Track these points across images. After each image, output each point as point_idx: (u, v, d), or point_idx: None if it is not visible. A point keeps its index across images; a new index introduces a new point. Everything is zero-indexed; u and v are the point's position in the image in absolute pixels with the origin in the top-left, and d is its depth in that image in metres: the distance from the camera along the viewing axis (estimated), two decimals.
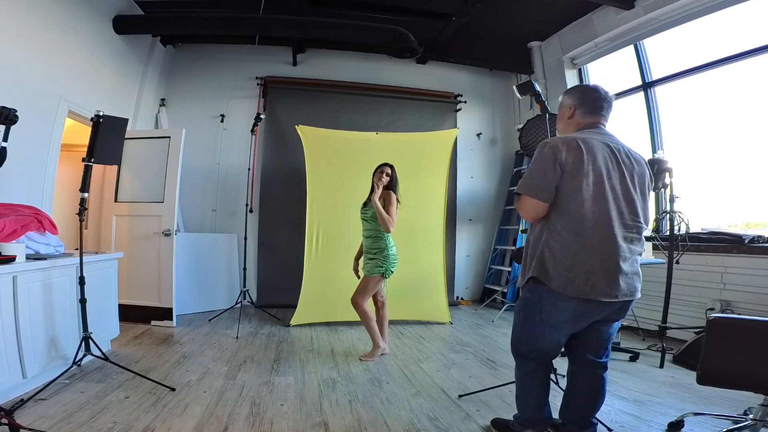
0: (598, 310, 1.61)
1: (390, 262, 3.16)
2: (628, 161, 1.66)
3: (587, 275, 1.55)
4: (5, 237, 2.41)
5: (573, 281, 1.56)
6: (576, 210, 1.57)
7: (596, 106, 1.74)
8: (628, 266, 1.59)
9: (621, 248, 1.57)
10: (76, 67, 3.74)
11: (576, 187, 1.57)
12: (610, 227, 1.56)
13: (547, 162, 1.60)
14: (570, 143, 1.60)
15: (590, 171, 1.57)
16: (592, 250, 1.56)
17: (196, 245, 4.79)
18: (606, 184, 1.58)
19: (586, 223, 1.56)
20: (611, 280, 1.56)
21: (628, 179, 1.63)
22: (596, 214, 1.56)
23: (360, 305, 3.18)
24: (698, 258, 3.67)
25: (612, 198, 1.58)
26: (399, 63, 5.68)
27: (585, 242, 1.56)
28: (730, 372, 1.55)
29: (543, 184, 1.60)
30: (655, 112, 4.48)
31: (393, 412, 2.32)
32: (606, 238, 1.56)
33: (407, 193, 3.53)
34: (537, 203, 1.62)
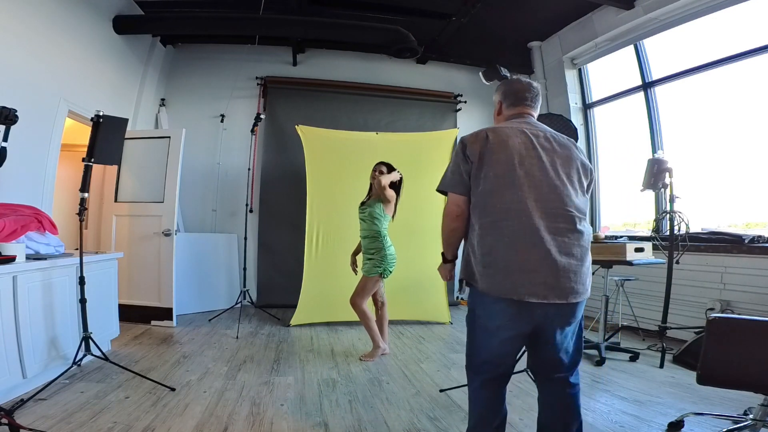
0: (531, 312, 1.41)
1: (388, 262, 3.16)
2: (549, 145, 1.52)
3: (505, 272, 1.40)
4: (5, 237, 2.41)
5: (493, 279, 1.42)
6: (485, 201, 1.47)
7: (519, 97, 1.68)
8: (561, 261, 1.40)
9: (545, 240, 1.39)
10: (76, 67, 3.74)
11: (484, 177, 1.48)
12: (527, 217, 1.40)
13: (459, 156, 1.56)
14: (479, 134, 1.55)
15: (498, 160, 1.47)
16: (508, 243, 1.41)
17: (196, 245, 4.79)
18: (518, 171, 1.45)
19: (498, 215, 1.44)
20: (533, 277, 1.38)
21: (548, 164, 1.48)
22: (508, 203, 1.43)
23: (359, 306, 3.18)
24: (698, 258, 3.67)
25: (527, 185, 1.43)
26: (399, 63, 5.68)
27: (499, 235, 1.42)
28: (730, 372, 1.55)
29: (457, 177, 1.55)
30: (655, 112, 4.48)
31: (393, 412, 2.32)
32: (522, 229, 1.40)
33: (407, 193, 3.53)
34: (455, 197, 1.56)
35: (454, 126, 5.70)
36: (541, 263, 1.38)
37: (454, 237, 1.63)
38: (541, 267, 1.38)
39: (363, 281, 3.22)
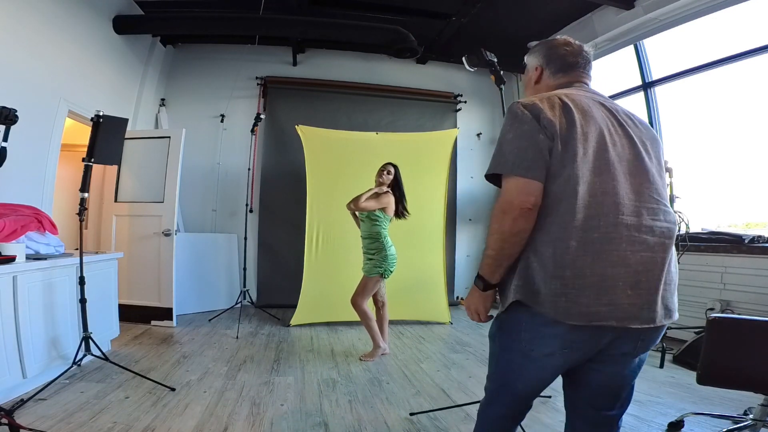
0: (602, 337, 1.07)
1: (389, 262, 3.16)
2: (632, 123, 1.17)
3: (599, 290, 1.02)
4: (5, 237, 2.41)
5: (577, 300, 1.02)
6: (572, 193, 1.05)
7: (568, 63, 1.30)
8: (662, 270, 1.08)
9: (645, 244, 1.06)
10: (76, 67, 3.74)
11: (569, 160, 1.06)
12: (622, 215, 1.05)
13: (529, 126, 1.09)
14: (552, 100, 1.13)
15: (587, 136, 1.08)
16: (599, 250, 1.03)
17: (196, 245, 4.79)
18: (610, 153, 1.08)
19: (588, 211, 1.04)
20: (639, 293, 1.03)
21: (640, 146, 1.12)
22: (600, 195, 1.05)
23: (359, 306, 3.18)
24: (698, 258, 3.67)
25: (623, 171, 1.08)
26: (399, 63, 5.68)
27: (587, 239, 1.03)
28: (730, 372, 1.55)
29: (531, 155, 1.07)
30: (655, 112, 4.48)
31: (393, 412, 2.32)
32: (617, 230, 1.03)
33: (407, 194, 3.53)
34: (526, 184, 1.07)
35: (454, 126, 5.70)
36: (644, 275, 1.04)
37: (518, 246, 1.10)
38: (644, 281, 1.04)
39: (363, 281, 3.22)
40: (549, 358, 1.12)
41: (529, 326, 1.12)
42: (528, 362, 1.15)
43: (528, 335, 1.12)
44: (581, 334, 1.05)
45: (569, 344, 1.08)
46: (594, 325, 1.03)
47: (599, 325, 1.03)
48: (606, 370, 1.16)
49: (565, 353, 1.10)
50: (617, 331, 1.04)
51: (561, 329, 1.06)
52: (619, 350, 1.11)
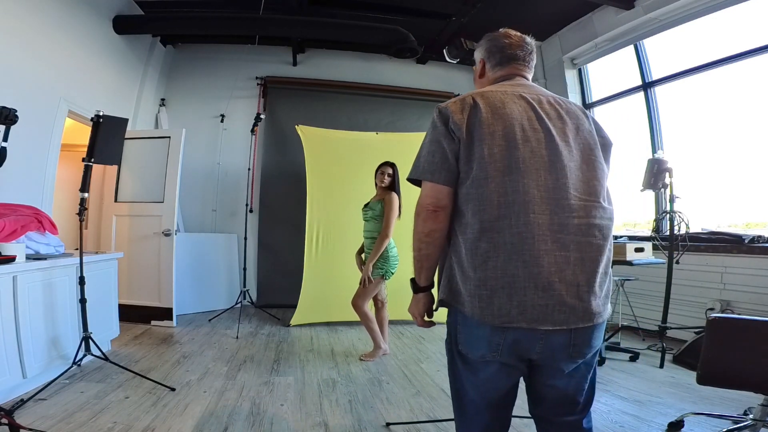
0: (533, 342, 1.04)
1: (390, 263, 3.16)
2: (555, 114, 1.13)
3: (509, 292, 1.01)
4: (5, 237, 2.41)
5: (490, 302, 1.02)
6: (478, 193, 1.05)
7: (507, 55, 1.28)
8: (582, 269, 1.05)
9: (560, 244, 1.03)
10: (76, 67, 3.74)
11: (477, 159, 1.06)
12: (534, 213, 1.02)
13: (439, 131, 1.12)
14: (464, 101, 1.13)
15: (494, 134, 1.07)
16: (511, 250, 1.02)
17: (196, 245, 4.79)
18: (520, 150, 1.06)
19: (496, 211, 1.03)
20: (547, 296, 1.00)
21: (558, 139, 1.09)
22: (510, 195, 1.04)
23: (360, 307, 3.18)
24: (698, 258, 3.67)
25: (534, 169, 1.05)
26: (399, 63, 5.68)
27: (497, 240, 1.03)
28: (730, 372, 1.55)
29: (439, 160, 1.10)
30: (655, 112, 4.48)
31: (393, 412, 2.32)
32: (529, 230, 1.02)
33: (407, 194, 3.52)
34: (435, 189, 1.10)
35: None
36: (556, 276, 1.01)
37: (432, 246, 1.14)
38: (557, 281, 1.01)
39: (361, 282, 3.21)
40: (486, 363, 1.09)
41: (461, 327, 1.11)
42: (469, 367, 1.13)
43: (462, 337, 1.12)
44: (505, 336, 1.03)
45: (496, 347, 1.05)
46: (512, 327, 1.01)
47: (515, 327, 1.01)
48: (555, 384, 1.13)
49: (497, 357, 1.06)
50: (538, 334, 1.01)
51: (486, 330, 1.05)
52: (554, 359, 1.07)
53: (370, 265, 3.10)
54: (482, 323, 1.03)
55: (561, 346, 1.04)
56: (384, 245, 3.09)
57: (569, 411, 1.16)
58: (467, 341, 1.10)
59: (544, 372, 1.12)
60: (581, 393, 1.16)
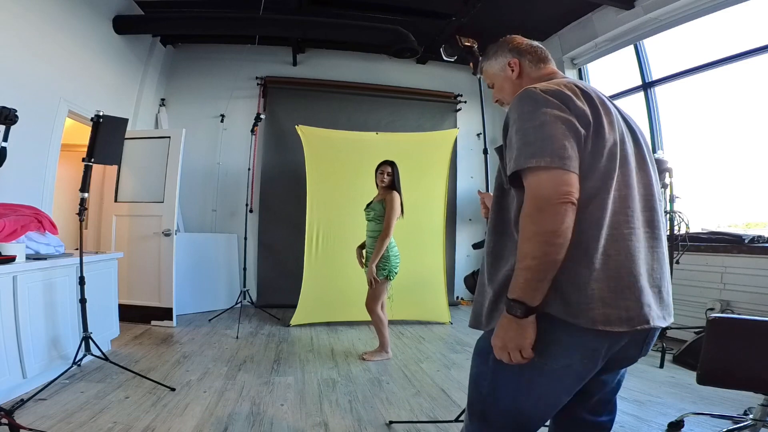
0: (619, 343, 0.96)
1: (392, 263, 3.16)
2: (628, 117, 1.14)
3: (636, 291, 0.93)
4: (5, 237, 2.41)
5: (616, 305, 0.91)
6: (606, 188, 0.95)
7: (539, 52, 1.22)
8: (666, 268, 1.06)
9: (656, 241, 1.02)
10: (76, 67, 3.74)
11: (601, 152, 0.96)
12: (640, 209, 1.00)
13: (559, 112, 0.94)
14: (569, 87, 1.01)
15: (612, 123, 1.00)
16: (630, 248, 0.95)
17: (196, 245, 4.79)
18: (627, 143, 1.03)
19: (618, 205, 0.96)
20: (658, 291, 0.99)
21: (639, 136, 1.09)
22: (625, 189, 0.98)
23: (373, 309, 3.18)
24: (698, 258, 3.67)
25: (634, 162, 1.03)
26: (399, 63, 5.68)
27: (618, 237, 0.94)
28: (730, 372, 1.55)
29: (566, 144, 0.91)
30: (655, 112, 4.48)
31: (393, 412, 2.32)
32: (636, 228, 0.97)
33: (407, 194, 3.53)
34: (562, 176, 0.90)
35: (454, 126, 5.70)
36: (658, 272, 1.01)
37: (562, 248, 0.90)
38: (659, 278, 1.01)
39: (368, 282, 3.20)
40: (566, 370, 0.96)
41: (543, 335, 0.93)
42: (539, 377, 0.97)
43: (542, 346, 0.94)
44: (605, 340, 0.92)
45: (590, 352, 0.94)
46: (632, 330, 0.92)
47: (637, 330, 0.92)
48: (609, 379, 1.09)
49: (585, 363, 0.95)
50: (632, 333, 0.93)
51: (585, 337, 0.91)
52: (626, 355, 1.01)
53: (373, 265, 3.10)
54: (585, 329, 0.90)
55: (642, 343, 1.02)
56: (385, 245, 3.09)
57: (608, 410, 1.14)
58: (550, 349, 0.94)
59: (608, 368, 1.03)
60: (617, 392, 1.15)
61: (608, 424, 1.14)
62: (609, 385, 1.11)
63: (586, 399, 1.10)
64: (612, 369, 1.06)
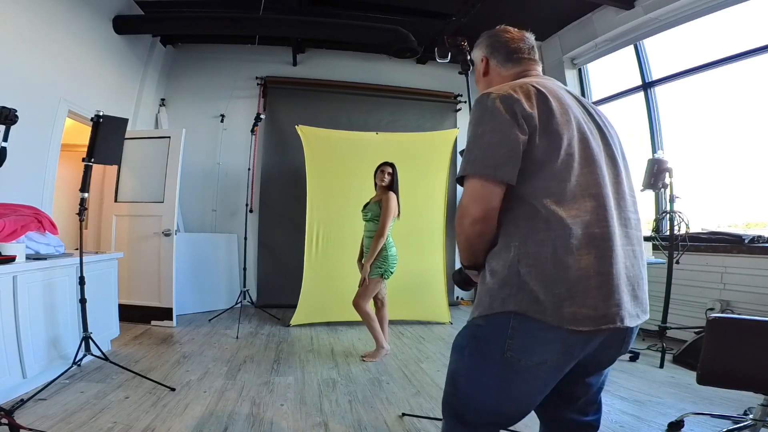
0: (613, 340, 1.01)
1: (389, 263, 3.16)
2: (597, 115, 1.11)
3: (606, 290, 0.94)
4: (5, 237, 2.41)
5: (584, 304, 0.93)
6: (561, 187, 0.97)
7: (513, 49, 1.20)
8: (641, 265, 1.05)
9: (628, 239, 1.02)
10: (76, 67, 3.74)
11: (554, 152, 0.98)
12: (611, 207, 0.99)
13: (503, 119, 0.97)
14: (523, 88, 1.01)
15: (569, 122, 1.00)
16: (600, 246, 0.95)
17: (196, 245, 4.79)
18: (591, 141, 1.02)
19: (582, 204, 0.97)
20: (632, 290, 0.99)
21: (608, 135, 1.09)
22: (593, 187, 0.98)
23: (362, 307, 3.18)
24: (698, 258, 3.67)
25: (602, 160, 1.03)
26: (399, 63, 5.68)
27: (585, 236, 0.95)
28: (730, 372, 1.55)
29: (505, 153, 0.96)
30: (655, 112, 4.48)
31: (393, 412, 2.32)
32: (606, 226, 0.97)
33: (407, 194, 3.53)
34: (486, 187, 0.98)
35: (454, 126, 5.70)
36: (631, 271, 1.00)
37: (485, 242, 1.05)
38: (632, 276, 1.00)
39: (361, 281, 3.21)
40: (540, 367, 0.98)
41: (518, 332, 0.97)
42: (513, 374, 0.99)
43: (517, 342, 0.97)
44: (579, 338, 0.95)
45: (565, 350, 0.96)
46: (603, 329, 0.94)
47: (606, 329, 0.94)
48: (593, 381, 1.12)
49: (559, 360, 0.97)
50: (606, 332, 0.96)
51: (559, 334, 0.94)
52: (606, 354, 1.03)
53: (368, 264, 3.11)
54: (556, 327, 0.93)
55: (620, 342, 1.03)
56: (380, 244, 3.10)
57: (594, 410, 1.16)
58: (528, 346, 0.97)
59: (590, 370, 1.07)
60: (601, 391, 1.16)
61: (595, 423, 1.17)
62: (594, 386, 1.13)
63: (572, 401, 1.13)
64: (595, 371, 1.10)
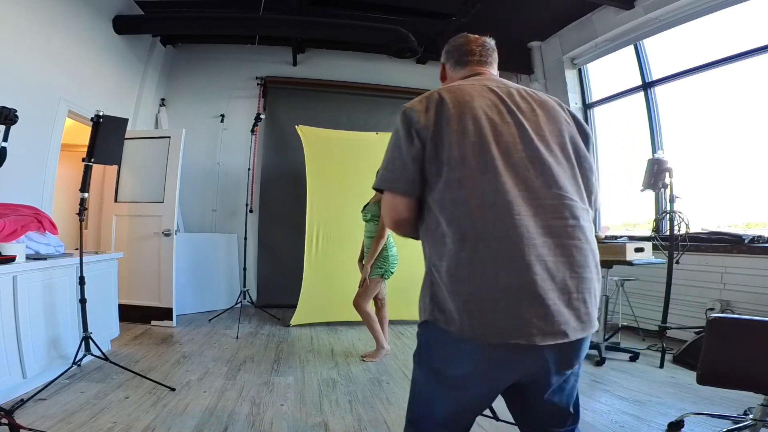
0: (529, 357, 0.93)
1: (390, 263, 3.16)
2: (527, 106, 1.04)
3: (505, 304, 0.89)
4: (5, 237, 2.41)
5: (481, 317, 0.90)
6: (455, 197, 0.95)
7: (464, 52, 1.23)
8: (570, 276, 0.93)
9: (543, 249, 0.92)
10: (76, 67, 3.74)
11: (446, 160, 0.97)
12: (513, 218, 0.92)
13: (400, 133, 1.02)
14: (430, 97, 1.04)
15: (464, 132, 0.98)
16: (499, 257, 0.91)
17: (196, 245, 4.79)
18: (494, 146, 0.97)
19: (479, 214, 0.93)
20: (545, 305, 0.89)
21: (533, 133, 1.00)
22: (489, 198, 0.93)
23: (362, 307, 3.18)
24: (698, 258, 3.67)
25: (510, 168, 0.96)
26: (399, 63, 5.68)
27: (483, 247, 0.91)
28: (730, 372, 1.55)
29: (399, 167, 1.01)
30: (655, 112, 4.48)
31: (393, 412, 2.32)
32: (510, 236, 0.91)
33: None
34: (394, 199, 1.04)
35: None
36: (549, 283, 0.91)
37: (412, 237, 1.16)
38: (551, 290, 0.90)
39: (361, 281, 3.21)
40: (465, 379, 0.96)
41: (440, 344, 0.98)
42: (442, 385, 1.00)
43: (439, 354, 0.98)
44: (500, 351, 0.91)
45: (488, 363, 0.93)
46: (508, 344, 0.89)
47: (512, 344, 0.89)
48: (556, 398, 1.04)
49: (485, 373, 0.95)
50: (536, 350, 0.90)
51: (474, 346, 0.91)
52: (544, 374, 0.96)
53: (369, 265, 3.11)
54: (471, 339, 0.91)
55: (553, 359, 0.94)
56: (380, 245, 3.10)
57: (561, 422, 1.08)
58: (448, 358, 0.97)
59: (532, 388, 1.01)
60: (571, 404, 1.07)
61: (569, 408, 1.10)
62: (561, 402, 1.05)
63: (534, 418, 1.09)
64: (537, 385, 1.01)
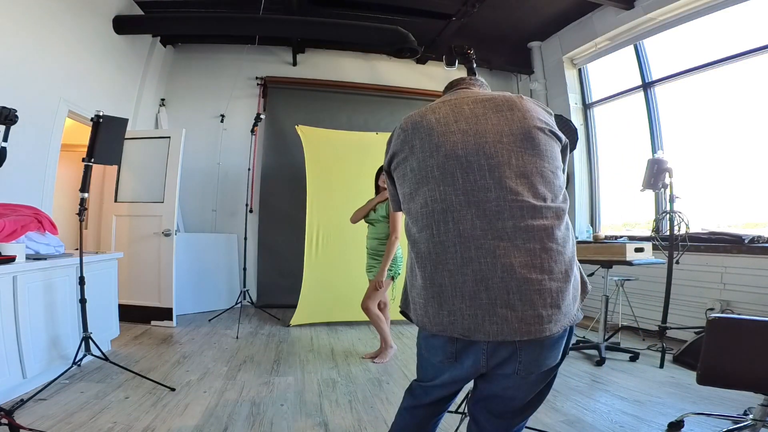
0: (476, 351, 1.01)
1: (398, 264, 3.17)
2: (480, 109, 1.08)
3: (440, 300, 0.99)
4: (5, 237, 2.41)
5: (425, 311, 1.03)
6: (408, 208, 1.11)
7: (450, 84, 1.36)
8: (515, 277, 0.94)
9: (484, 250, 0.95)
10: (76, 67, 3.74)
11: (401, 178, 1.14)
12: (455, 222, 0.98)
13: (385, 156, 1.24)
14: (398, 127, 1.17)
15: (413, 148, 1.08)
16: (436, 260, 1.00)
17: (196, 245, 4.79)
18: (434, 157, 1.03)
19: (422, 222, 1.04)
20: (479, 303, 0.95)
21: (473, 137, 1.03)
22: (431, 204, 1.02)
23: (370, 309, 3.17)
24: (698, 258, 3.67)
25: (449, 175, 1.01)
26: (399, 63, 5.68)
27: (423, 250, 1.04)
28: (730, 372, 1.55)
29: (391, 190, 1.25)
30: (655, 112, 4.48)
31: (393, 412, 2.32)
32: (451, 238, 0.98)
33: None
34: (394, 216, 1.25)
35: None
36: (482, 284, 0.95)
37: None
38: (483, 290, 0.95)
39: (373, 285, 3.20)
40: (444, 364, 1.08)
41: (420, 333, 1.14)
42: (429, 367, 1.16)
43: (422, 342, 1.15)
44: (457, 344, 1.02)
45: (451, 354, 1.04)
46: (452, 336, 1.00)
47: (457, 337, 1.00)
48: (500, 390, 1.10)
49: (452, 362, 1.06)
50: (479, 345, 0.99)
51: (439, 338, 1.05)
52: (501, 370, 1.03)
53: (385, 269, 3.09)
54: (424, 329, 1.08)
55: (507, 359, 0.99)
56: (396, 247, 3.09)
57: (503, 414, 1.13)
58: (425, 345, 1.13)
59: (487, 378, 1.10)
60: (521, 400, 1.10)
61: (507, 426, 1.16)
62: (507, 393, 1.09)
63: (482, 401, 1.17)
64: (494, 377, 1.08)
